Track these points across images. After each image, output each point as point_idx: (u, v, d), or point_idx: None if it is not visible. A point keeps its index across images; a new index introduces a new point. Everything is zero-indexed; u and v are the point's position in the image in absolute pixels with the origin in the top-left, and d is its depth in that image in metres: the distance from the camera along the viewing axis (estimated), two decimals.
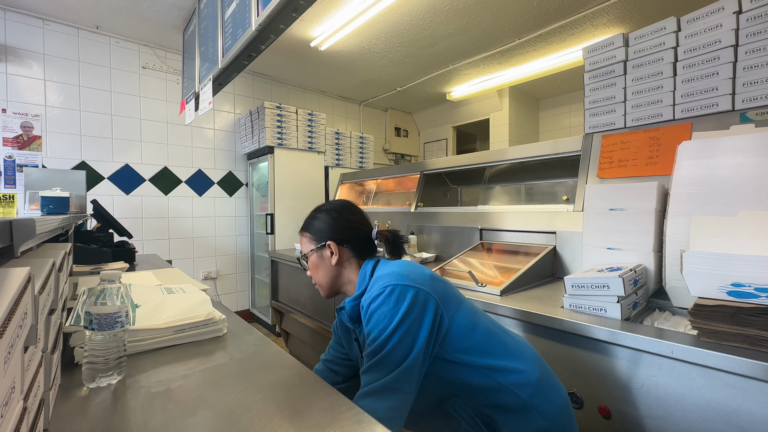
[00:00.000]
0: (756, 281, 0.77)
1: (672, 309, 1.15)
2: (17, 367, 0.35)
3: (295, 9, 1.42)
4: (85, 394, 0.63)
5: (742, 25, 1.19)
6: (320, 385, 0.66)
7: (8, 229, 0.42)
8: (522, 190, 2.26)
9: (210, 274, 3.42)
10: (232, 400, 0.61)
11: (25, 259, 0.62)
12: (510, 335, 0.88)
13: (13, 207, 1.73)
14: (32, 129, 2.59)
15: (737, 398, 0.77)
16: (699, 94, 1.28)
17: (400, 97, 4.42)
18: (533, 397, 0.78)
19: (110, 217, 2.15)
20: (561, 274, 1.54)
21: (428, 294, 0.79)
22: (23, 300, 0.38)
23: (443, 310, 0.80)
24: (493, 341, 0.82)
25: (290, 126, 3.33)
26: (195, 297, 0.98)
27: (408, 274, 0.81)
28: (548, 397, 0.80)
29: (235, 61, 1.88)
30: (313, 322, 2.26)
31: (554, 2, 2.46)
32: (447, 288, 0.85)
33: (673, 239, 1.07)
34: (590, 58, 1.59)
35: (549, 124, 4.55)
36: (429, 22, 2.70)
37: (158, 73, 3.14)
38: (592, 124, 1.59)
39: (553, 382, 0.85)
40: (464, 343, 0.79)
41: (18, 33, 2.55)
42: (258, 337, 0.90)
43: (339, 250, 0.93)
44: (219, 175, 3.49)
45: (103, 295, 0.65)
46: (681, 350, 0.83)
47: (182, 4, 2.53)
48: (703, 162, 1.06)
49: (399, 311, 0.75)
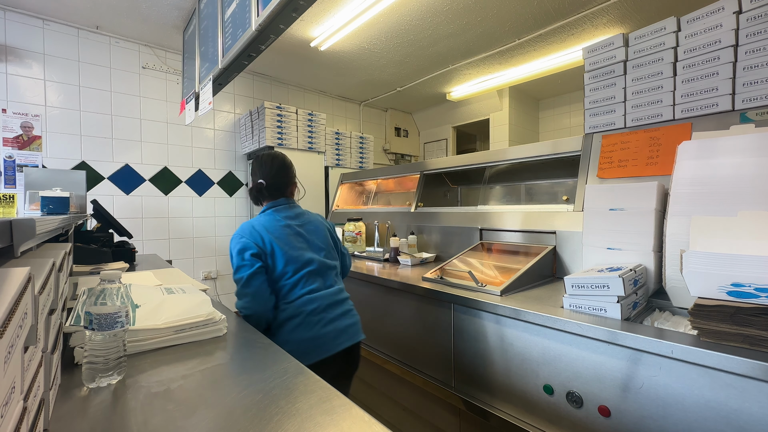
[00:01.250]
0: (756, 281, 0.77)
1: (672, 309, 1.15)
2: (17, 367, 0.35)
3: (295, 9, 1.42)
4: (85, 394, 0.63)
5: (742, 25, 1.19)
6: (320, 385, 0.66)
7: (8, 229, 0.42)
8: (522, 190, 2.26)
9: (210, 274, 3.42)
10: (232, 400, 0.61)
11: (25, 259, 0.62)
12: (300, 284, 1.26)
13: (13, 207, 1.73)
14: (32, 129, 2.59)
15: (737, 398, 0.77)
16: (699, 94, 1.28)
17: (400, 97, 4.42)
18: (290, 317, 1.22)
19: (110, 217, 2.15)
20: (561, 274, 1.54)
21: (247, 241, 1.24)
22: (23, 300, 0.38)
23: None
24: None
25: (290, 126, 3.34)
26: (195, 297, 0.98)
27: (241, 229, 1.28)
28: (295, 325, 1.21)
29: (235, 61, 1.88)
30: None
31: (554, 2, 2.46)
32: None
33: (673, 239, 1.07)
34: (590, 58, 1.59)
35: (549, 124, 4.55)
36: (429, 22, 2.70)
37: (158, 73, 3.14)
38: (592, 124, 1.59)
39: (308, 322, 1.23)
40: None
41: (18, 33, 2.55)
42: (258, 337, 0.90)
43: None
44: (219, 175, 3.49)
45: (103, 295, 0.65)
46: (681, 350, 0.83)
47: (182, 4, 2.53)
48: (703, 162, 1.06)
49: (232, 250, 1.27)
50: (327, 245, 1.38)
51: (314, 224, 1.39)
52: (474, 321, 1.30)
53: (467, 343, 1.33)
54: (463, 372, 1.35)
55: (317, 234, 1.38)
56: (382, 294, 1.73)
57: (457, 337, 1.37)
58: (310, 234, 1.35)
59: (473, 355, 1.31)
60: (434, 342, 1.46)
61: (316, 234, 1.37)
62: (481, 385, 1.29)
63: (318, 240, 1.36)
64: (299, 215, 1.38)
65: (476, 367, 1.30)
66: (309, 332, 1.21)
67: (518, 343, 1.17)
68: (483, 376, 1.28)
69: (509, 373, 1.20)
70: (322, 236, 1.39)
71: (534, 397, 1.13)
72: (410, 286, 1.55)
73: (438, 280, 1.52)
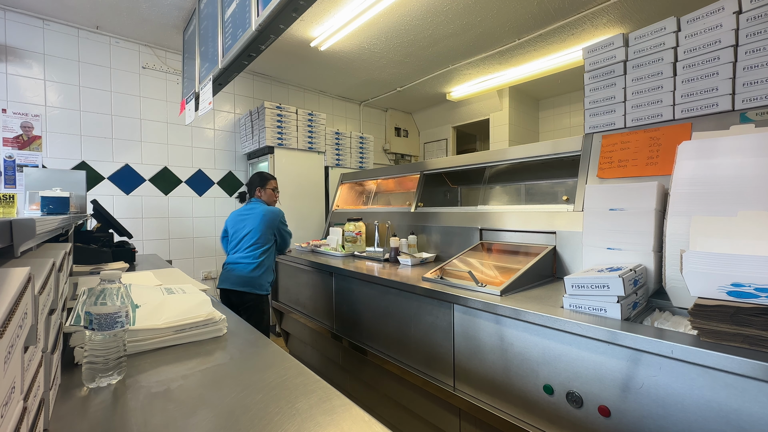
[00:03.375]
0: (756, 281, 0.77)
1: (672, 309, 1.15)
2: (17, 367, 0.35)
3: (295, 9, 1.42)
4: (85, 394, 0.63)
5: (742, 25, 1.19)
6: (320, 385, 0.66)
7: (8, 229, 0.42)
8: (522, 190, 2.26)
9: (210, 274, 3.42)
10: (232, 400, 0.61)
11: (25, 259, 0.62)
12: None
13: (13, 207, 1.73)
14: (32, 129, 2.59)
15: (737, 398, 0.77)
16: (699, 94, 1.28)
17: (400, 97, 4.42)
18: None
19: (110, 217, 2.15)
20: (561, 274, 1.54)
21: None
22: (23, 300, 0.38)
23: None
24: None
25: (290, 126, 3.34)
26: (195, 297, 0.98)
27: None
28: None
29: (235, 61, 1.88)
30: (314, 322, 2.26)
31: (554, 2, 2.46)
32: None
33: (673, 239, 1.07)
34: (590, 58, 1.59)
35: (549, 124, 4.55)
36: (429, 22, 2.70)
37: (158, 73, 3.14)
38: (592, 124, 1.59)
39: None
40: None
41: (18, 33, 2.55)
42: (258, 337, 0.90)
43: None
44: (219, 175, 3.49)
45: (103, 295, 0.65)
46: (681, 350, 0.83)
47: (182, 4, 2.53)
48: (703, 162, 1.06)
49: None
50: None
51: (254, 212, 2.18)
52: (474, 321, 1.30)
53: (467, 343, 1.33)
54: (463, 372, 1.35)
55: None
56: (382, 294, 1.73)
57: (457, 337, 1.37)
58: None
59: (473, 355, 1.31)
60: (434, 342, 1.46)
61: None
62: (481, 385, 1.29)
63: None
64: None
65: (476, 367, 1.30)
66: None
67: (518, 343, 1.17)
68: (483, 376, 1.28)
69: (509, 373, 1.20)
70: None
71: (534, 397, 1.13)
72: (410, 286, 1.55)
73: (438, 280, 1.52)
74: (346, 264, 2.07)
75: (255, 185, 2.26)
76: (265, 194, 2.25)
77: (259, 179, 2.26)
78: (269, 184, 2.26)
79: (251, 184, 2.29)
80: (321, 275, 2.19)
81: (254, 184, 2.26)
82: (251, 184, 2.28)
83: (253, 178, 2.29)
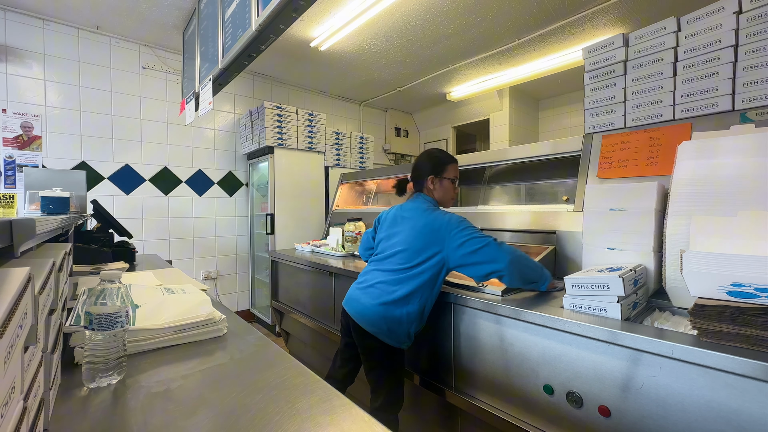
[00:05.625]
0: (756, 281, 0.77)
1: (672, 309, 1.15)
2: (17, 367, 0.35)
3: (295, 9, 1.42)
4: (85, 394, 0.63)
5: (742, 25, 1.19)
6: (320, 385, 0.66)
7: (8, 229, 0.42)
8: (522, 190, 2.26)
9: (210, 274, 3.42)
10: (232, 400, 0.61)
11: (25, 259, 0.62)
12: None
13: (13, 207, 1.73)
14: (32, 129, 2.59)
15: (737, 398, 0.77)
16: (699, 94, 1.28)
17: (400, 97, 4.42)
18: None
19: (110, 217, 2.15)
20: (561, 274, 1.54)
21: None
22: (23, 300, 0.38)
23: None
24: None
25: (290, 126, 3.33)
26: (195, 297, 0.98)
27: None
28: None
29: (235, 61, 1.88)
30: (313, 322, 2.26)
31: (554, 2, 2.46)
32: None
33: (673, 239, 1.07)
34: (590, 58, 1.59)
35: (549, 124, 4.55)
36: (429, 23, 2.70)
37: (158, 73, 3.14)
38: (592, 124, 1.59)
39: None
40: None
41: (18, 33, 2.55)
42: (258, 337, 0.90)
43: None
44: (219, 175, 3.49)
45: (103, 295, 0.65)
46: (681, 350, 0.82)
47: (182, 4, 2.53)
48: (703, 162, 1.06)
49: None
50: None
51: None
52: (474, 321, 1.30)
53: (467, 343, 1.33)
54: (463, 372, 1.35)
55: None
56: None
57: (457, 337, 1.37)
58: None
59: (473, 355, 1.31)
60: (434, 342, 1.46)
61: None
62: (481, 385, 1.29)
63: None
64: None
65: (476, 367, 1.30)
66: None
67: (518, 343, 1.17)
68: (483, 376, 1.28)
69: (509, 373, 1.20)
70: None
71: (534, 397, 1.13)
72: None
73: None
74: (346, 264, 2.07)
75: (425, 172, 1.40)
76: (440, 188, 1.40)
77: (430, 163, 1.40)
78: (447, 170, 1.39)
79: (418, 168, 1.42)
80: (321, 275, 2.19)
81: (424, 170, 1.40)
82: (418, 169, 1.42)
83: (421, 161, 1.42)
